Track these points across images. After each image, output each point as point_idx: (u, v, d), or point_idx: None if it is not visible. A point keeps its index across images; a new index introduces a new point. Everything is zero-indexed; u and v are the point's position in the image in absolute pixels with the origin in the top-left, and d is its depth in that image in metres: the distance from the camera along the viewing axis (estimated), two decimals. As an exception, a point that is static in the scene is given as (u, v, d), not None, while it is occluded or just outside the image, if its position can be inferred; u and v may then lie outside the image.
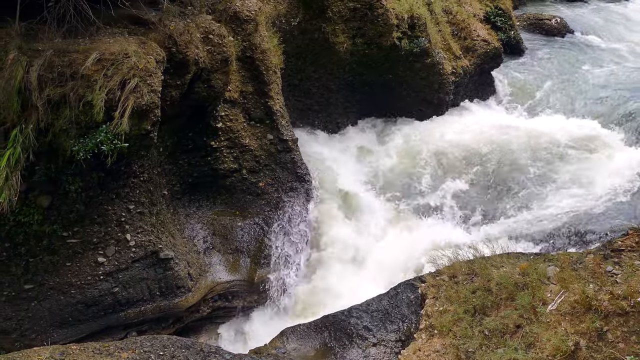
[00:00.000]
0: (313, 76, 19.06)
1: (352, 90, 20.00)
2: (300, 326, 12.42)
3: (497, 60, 22.58)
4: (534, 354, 8.62)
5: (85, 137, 11.38)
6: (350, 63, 19.20)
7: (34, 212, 12.46)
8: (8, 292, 12.77)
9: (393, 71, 19.87)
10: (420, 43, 19.33)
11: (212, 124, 15.10)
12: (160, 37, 12.84)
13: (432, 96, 20.68)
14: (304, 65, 18.83)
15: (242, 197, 15.73)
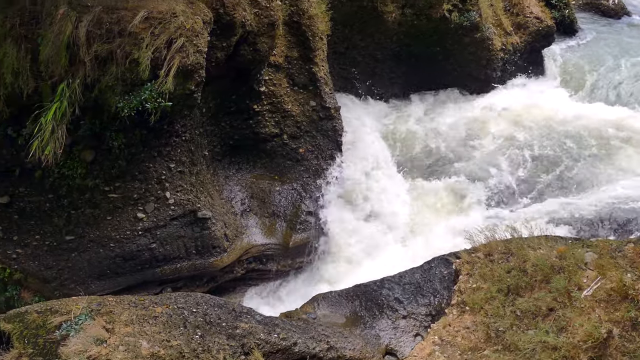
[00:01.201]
0: (359, 45, 18.91)
1: (397, 61, 19.80)
2: (331, 293, 12.51)
3: (549, 39, 22.03)
4: (565, 339, 8.55)
5: (130, 94, 11.52)
6: (398, 33, 18.98)
7: (78, 165, 12.74)
8: (50, 242, 13.14)
9: (441, 44, 19.59)
10: (471, 17, 18.99)
11: (256, 88, 15.12)
12: (208, -2, 12.86)
13: (479, 72, 20.36)
14: (350, 33, 18.68)
15: (282, 162, 15.80)
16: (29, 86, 11.48)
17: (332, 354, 10.45)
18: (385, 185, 16.72)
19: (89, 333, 9.33)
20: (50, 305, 10.46)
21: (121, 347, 9.08)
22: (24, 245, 13.09)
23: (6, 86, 11.46)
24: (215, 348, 9.56)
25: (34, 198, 12.96)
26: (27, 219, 13.06)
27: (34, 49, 11.35)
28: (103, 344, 9.11)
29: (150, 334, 9.53)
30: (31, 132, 11.54)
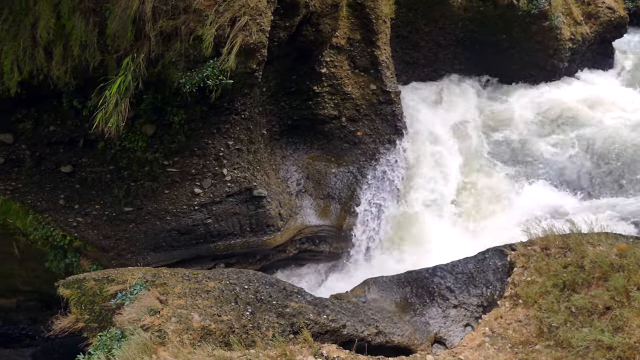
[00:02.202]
0: (423, 29, 18.65)
1: (461, 48, 19.47)
2: (382, 278, 12.45)
3: (621, 30, 21.29)
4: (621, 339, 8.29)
5: (193, 70, 11.63)
6: (463, 19, 18.64)
7: (139, 139, 12.97)
8: (109, 213, 13.46)
9: (507, 31, 19.17)
10: (540, 4, 18.51)
11: (317, 69, 15.09)
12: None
13: (546, 62, 19.86)
14: (415, 18, 18.43)
15: (339, 145, 15.77)
16: (95, 59, 11.71)
17: (380, 339, 10.42)
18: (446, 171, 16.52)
19: (143, 303, 9.52)
20: (107, 274, 10.73)
21: (173, 318, 9.23)
22: (84, 214, 13.44)
23: (73, 58, 11.71)
24: (264, 325, 9.63)
25: (96, 169, 13.28)
26: (88, 188, 13.40)
27: (102, 22, 11.55)
28: (156, 315, 9.27)
29: (202, 307, 9.66)
30: (95, 104, 11.79)
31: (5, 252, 15.19)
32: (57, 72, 11.76)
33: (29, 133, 12.97)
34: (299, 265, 15.77)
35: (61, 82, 11.90)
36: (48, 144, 13.10)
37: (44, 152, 13.21)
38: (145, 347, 8.27)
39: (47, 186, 13.42)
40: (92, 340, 9.71)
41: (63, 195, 13.40)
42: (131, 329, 8.94)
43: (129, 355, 7.99)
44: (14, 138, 13.00)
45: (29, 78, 11.87)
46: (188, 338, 8.88)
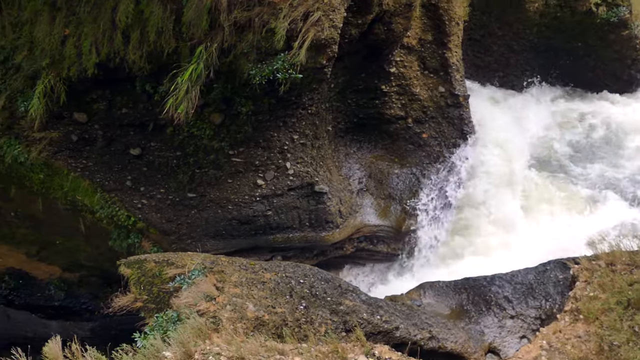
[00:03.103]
0: (496, 33, 18.36)
1: (534, 53, 19.07)
2: (439, 283, 12.34)
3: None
4: (685, 362, 8.02)
5: (263, 62, 11.73)
6: (539, 25, 18.25)
7: (207, 127, 13.17)
8: (173, 197, 13.73)
9: (583, 39, 18.67)
10: (620, 12, 17.94)
11: (386, 68, 15.01)
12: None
13: (622, 72, 19.26)
14: (488, 21, 18.16)
15: (404, 146, 15.67)
16: (169, 46, 11.93)
17: (433, 344, 10.33)
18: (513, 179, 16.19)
19: (200, 288, 9.68)
20: (167, 257, 10.94)
21: (228, 306, 9.35)
22: (149, 197, 13.75)
23: (149, 44, 11.97)
24: (317, 321, 9.66)
25: (163, 153, 13.55)
26: (154, 172, 13.70)
27: (178, 10, 11.75)
28: (212, 301, 9.41)
29: (257, 298, 9.76)
30: (167, 90, 12.03)
31: (72, 227, 15.68)
32: (133, 56, 12.03)
33: (102, 114, 13.32)
34: (355, 263, 15.76)
35: (136, 66, 12.17)
36: (119, 125, 13.44)
37: (115, 134, 13.56)
38: (200, 332, 8.41)
39: (116, 167, 13.77)
40: (148, 320, 9.92)
41: (130, 176, 13.73)
42: (187, 312, 9.10)
43: (184, 338, 8.13)
44: (87, 117, 13.39)
45: (106, 60, 12.19)
46: (241, 327, 8.98)
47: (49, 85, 12.61)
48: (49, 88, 12.64)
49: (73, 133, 13.57)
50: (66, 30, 12.40)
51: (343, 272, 15.61)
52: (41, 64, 12.65)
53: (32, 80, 12.97)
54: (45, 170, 14.12)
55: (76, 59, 12.35)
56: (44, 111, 12.84)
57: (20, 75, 13.09)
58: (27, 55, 12.80)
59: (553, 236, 15.10)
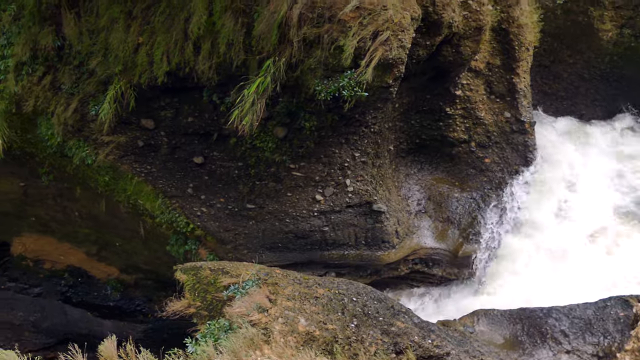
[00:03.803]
0: (567, 61, 18.00)
1: (605, 83, 18.58)
2: (494, 311, 12.10)
3: None
4: None
5: (329, 79, 11.78)
6: (611, 54, 17.82)
7: (269, 139, 13.30)
8: (232, 207, 13.89)
9: (658, 71, 18.16)
10: (698, 46, 17.38)
11: (451, 90, 14.90)
12: (420, -6, 12.81)
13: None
14: (559, 48, 17.83)
15: (465, 169, 15.50)
16: (239, 58, 12.12)
17: (484, 373, 10.14)
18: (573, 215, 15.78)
19: (253, 299, 9.75)
20: (222, 266, 11.07)
21: (280, 319, 9.38)
22: (209, 205, 13.94)
23: (219, 55, 12.18)
24: (368, 340, 9.60)
25: (225, 163, 13.74)
26: (215, 181, 13.89)
27: (249, 23, 11.94)
28: (264, 313, 9.46)
29: (309, 313, 9.77)
30: (233, 102, 12.23)
31: (132, 230, 16.03)
32: (203, 66, 12.27)
33: (168, 121, 13.61)
34: (409, 285, 15.61)
35: (205, 76, 12.41)
36: (184, 133, 13.70)
37: (179, 141, 13.83)
38: (251, 342, 8.47)
39: (178, 174, 14.03)
40: (200, 327, 10.04)
41: (192, 184, 13.96)
42: (239, 322, 9.18)
43: (236, 347, 8.20)
44: (154, 124, 13.69)
45: (176, 69, 12.47)
46: (292, 340, 9.00)
47: (120, 91, 12.98)
48: (119, 94, 13.00)
49: (139, 138, 13.90)
50: (140, 39, 12.75)
51: (396, 292, 15.47)
52: (114, 70, 13.02)
53: (104, 86, 13.37)
54: (111, 173, 14.49)
55: (147, 66, 12.67)
56: (113, 116, 13.22)
57: (93, 80, 13.50)
58: (101, 61, 13.19)
59: (609, 271, 14.69)
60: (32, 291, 19.07)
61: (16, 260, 19.65)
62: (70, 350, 8.16)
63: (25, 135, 15.20)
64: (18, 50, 13.60)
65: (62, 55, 13.53)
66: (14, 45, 13.65)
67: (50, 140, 14.48)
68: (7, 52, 13.77)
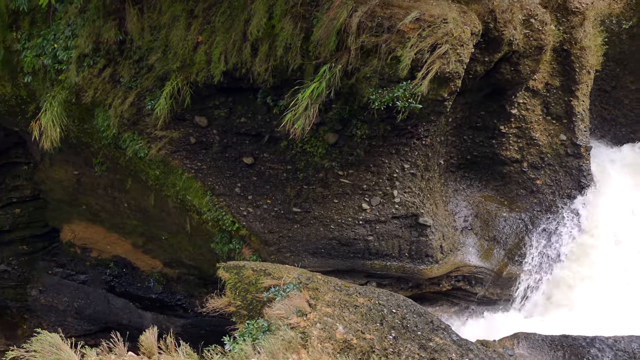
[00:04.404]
0: (629, 87, 17.58)
1: (669, 112, 18.16)
2: (535, 335, 11.85)
3: None
4: None
5: (384, 89, 11.75)
6: (677, 83, 17.39)
7: (320, 145, 13.33)
8: (278, 209, 13.96)
9: None
10: None
11: (507, 109, 14.71)
12: (481, 9, 12.69)
13: None
14: (622, 73, 17.43)
15: (515, 189, 15.27)
16: (295, 62, 12.19)
17: (521, 397, 9.94)
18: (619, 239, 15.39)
19: (293, 302, 9.75)
20: (265, 267, 11.11)
21: (319, 324, 9.36)
22: (255, 206, 14.04)
23: (276, 58, 12.28)
24: (405, 353, 9.51)
25: (274, 165, 13.83)
26: (263, 182, 13.99)
27: (308, 29, 12.00)
28: (303, 317, 9.45)
29: (348, 321, 9.72)
30: (286, 105, 12.30)
31: (178, 225, 16.26)
32: (259, 68, 12.38)
33: (222, 120, 13.76)
34: (449, 301, 15.43)
35: (260, 78, 12.51)
36: (236, 133, 13.84)
37: (231, 141, 13.97)
38: (289, 345, 8.46)
39: (227, 173, 14.17)
40: (239, 326, 10.09)
41: (240, 184, 14.09)
42: (278, 324, 9.19)
43: (274, 349, 8.21)
44: (208, 122, 13.87)
45: (232, 69, 12.61)
46: (329, 347, 8.96)
47: (177, 88, 13.19)
48: (176, 90, 13.22)
49: (192, 135, 14.09)
50: (199, 37, 12.94)
51: (435, 308, 15.31)
52: (172, 67, 13.24)
53: (162, 81, 13.61)
54: (162, 168, 14.72)
55: (205, 65, 12.86)
56: (169, 111, 13.44)
57: (152, 75, 13.75)
58: (161, 57, 13.43)
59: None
60: (78, 278, 19.51)
61: (65, 246, 20.14)
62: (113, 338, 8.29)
63: (82, 125, 15.58)
64: (81, 42, 13.92)
65: (123, 49, 13.81)
66: (78, 37, 13.98)
67: (105, 131, 14.78)
68: (71, 43, 14.11)
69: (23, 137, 18.90)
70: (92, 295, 18.99)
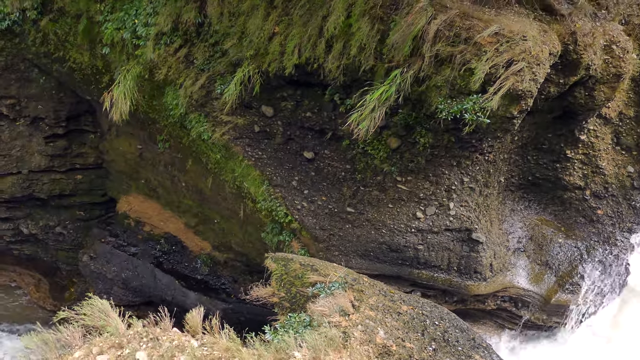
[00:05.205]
0: None
1: None
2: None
3: None
4: None
5: (454, 99, 11.64)
6: None
7: (382, 148, 13.30)
8: (332, 207, 13.98)
9: None
10: None
11: (576, 134, 14.40)
12: (563, 30, 12.44)
13: None
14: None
15: (574, 216, 14.95)
16: (367, 63, 12.16)
17: None
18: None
19: (337, 301, 9.76)
20: (312, 263, 11.15)
21: (360, 326, 9.36)
22: (310, 201, 14.09)
23: (349, 57, 12.29)
24: (443, 367, 9.43)
25: (334, 163, 13.85)
26: (321, 179, 14.03)
27: (385, 31, 11.96)
28: (345, 317, 9.46)
29: (390, 327, 9.69)
30: (353, 105, 12.32)
31: (232, 211, 16.45)
32: (331, 65, 12.41)
33: (287, 112, 13.86)
34: (493, 321, 15.22)
35: (331, 75, 12.54)
36: (300, 127, 13.92)
37: (294, 133, 14.06)
38: (331, 343, 8.48)
39: (287, 165, 14.26)
40: (280, 317, 10.15)
41: (297, 177, 14.16)
42: (320, 320, 9.22)
43: (317, 344, 8.23)
44: (273, 112, 13.98)
45: (304, 63, 12.67)
46: (368, 350, 8.95)
47: (248, 75, 13.33)
48: (246, 77, 13.36)
49: (257, 124, 14.22)
50: (276, 28, 13.04)
51: (477, 325, 15.12)
52: (246, 54, 13.38)
53: (234, 67, 13.77)
54: (223, 152, 14.91)
55: (278, 56, 12.95)
56: (237, 97, 13.59)
57: (225, 60, 13.93)
58: (236, 43, 13.58)
59: None
60: (128, 250, 19.92)
61: (120, 217, 20.62)
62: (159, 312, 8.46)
63: (152, 102, 15.90)
64: (161, 20, 14.20)
65: (201, 32, 14.03)
66: (159, 15, 14.26)
67: (173, 110, 15.05)
68: (152, 20, 14.41)
69: (93, 107, 19.43)
70: (140, 268, 19.34)
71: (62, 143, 20.29)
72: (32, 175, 20.42)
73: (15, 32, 17.40)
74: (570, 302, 14.47)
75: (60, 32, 16.78)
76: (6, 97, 18.90)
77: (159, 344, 8.03)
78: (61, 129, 19.90)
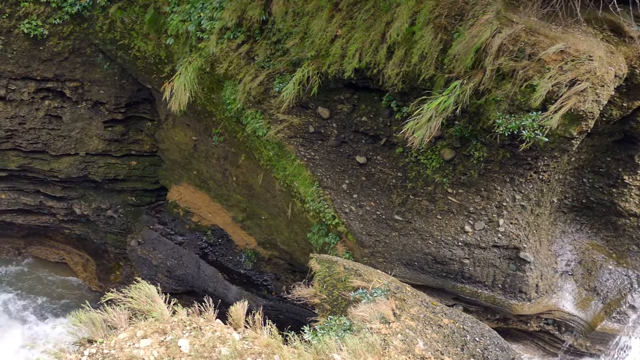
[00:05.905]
0: None
1: None
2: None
3: None
4: None
5: (512, 115, 11.51)
6: None
7: (435, 159, 13.22)
8: (380, 214, 13.95)
9: None
10: None
11: (636, 159, 14.03)
12: (631, 53, 12.16)
13: None
14: None
15: (627, 244, 14.59)
16: (427, 72, 12.11)
17: None
18: None
19: (378, 308, 9.75)
20: (356, 267, 11.15)
21: (400, 335, 9.32)
22: (358, 206, 14.10)
23: (409, 65, 12.25)
24: (480, 384, 9.34)
25: (385, 170, 13.83)
26: (371, 184, 14.02)
27: (447, 41, 11.89)
28: (386, 324, 9.44)
29: (429, 338, 9.63)
30: (410, 113, 12.30)
31: (280, 209, 16.55)
32: (390, 71, 12.39)
33: (343, 115, 13.89)
34: (534, 343, 14.97)
35: (390, 81, 12.53)
36: (355, 131, 13.93)
37: (348, 137, 14.08)
38: (371, 348, 8.48)
39: (338, 167, 14.29)
40: (320, 319, 10.18)
41: (348, 181, 14.18)
42: (360, 325, 9.21)
43: (357, 349, 8.25)
44: (329, 114, 14.03)
45: (364, 68, 12.69)
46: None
47: (307, 75, 13.40)
48: (305, 78, 13.44)
49: (312, 124, 14.29)
50: (339, 31, 13.09)
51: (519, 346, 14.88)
52: (306, 55, 13.47)
53: (294, 67, 13.88)
54: (276, 150, 15.02)
55: (339, 59, 12.99)
56: (294, 97, 13.68)
57: (285, 59, 14.04)
58: (297, 43, 13.68)
59: None
60: (175, 238, 20.24)
61: (169, 206, 20.96)
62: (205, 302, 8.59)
63: (210, 95, 16.13)
64: (226, 15, 14.39)
65: (264, 29, 14.18)
66: (224, 10, 14.46)
67: (231, 104, 15.23)
68: (217, 14, 14.62)
69: (153, 95, 19.80)
70: (185, 257, 19.62)
71: (120, 129, 20.74)
72: (88, 158, 20.93)
73: (85, 17, 17.87)
74: (616, 332, 14.13)
75: (127, 20, 17.17)
76: (71, 79, 19.42)
77: (202, 333, 8.15)
78: (120, 114, 20.35)
